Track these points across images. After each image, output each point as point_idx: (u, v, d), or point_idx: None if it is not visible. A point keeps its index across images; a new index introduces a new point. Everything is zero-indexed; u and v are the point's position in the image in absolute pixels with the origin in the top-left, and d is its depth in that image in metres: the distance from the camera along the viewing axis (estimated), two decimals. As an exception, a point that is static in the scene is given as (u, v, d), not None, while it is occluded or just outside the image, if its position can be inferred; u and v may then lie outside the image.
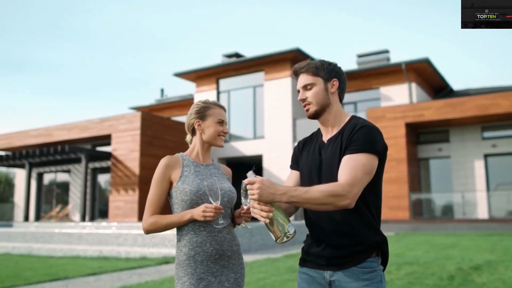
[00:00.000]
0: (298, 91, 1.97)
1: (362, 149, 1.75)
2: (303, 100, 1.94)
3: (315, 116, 1.93)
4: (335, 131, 1.91)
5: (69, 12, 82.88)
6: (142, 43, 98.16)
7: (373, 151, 1.76)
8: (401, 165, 17.21)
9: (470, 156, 17.92)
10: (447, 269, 6.73)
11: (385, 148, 1.83)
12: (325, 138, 1.95)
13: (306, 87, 1.93)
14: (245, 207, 1.91)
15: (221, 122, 2.19)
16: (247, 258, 8.42)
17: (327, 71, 1.92)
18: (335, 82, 1.93)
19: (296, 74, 1.99)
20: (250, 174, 1.75)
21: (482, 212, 17.34)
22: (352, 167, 1.72)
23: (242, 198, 1.80)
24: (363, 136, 1.77)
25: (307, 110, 1.94)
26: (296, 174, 2.02)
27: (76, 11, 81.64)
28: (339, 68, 1.97)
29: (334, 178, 1.77)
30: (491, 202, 17.35)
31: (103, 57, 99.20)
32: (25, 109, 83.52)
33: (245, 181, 1.71)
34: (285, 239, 1.71)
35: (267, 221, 1.68)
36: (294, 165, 2.05)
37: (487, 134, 17.93)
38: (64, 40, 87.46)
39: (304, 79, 1.94)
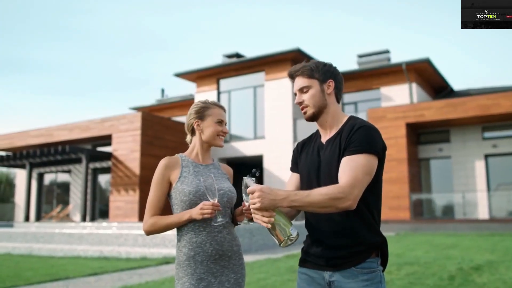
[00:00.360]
0: (295, 94, 1.97)
1: (361, 150, 1.75)
2: (300, 103, 1.93)
3: (313, 118, 1.93)
4: (333, 132, 1.91)
5: (69, 12, 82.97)
6: (142, 43, 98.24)
7: (372, 152, 1.76)
8: (402, 165, 17.21)
9: (471, 156, 17.91)
10: (447, 269, 6.73)
11: (384, 148, 1.83)
12: (324, 139, 1.94)
13: (302, 90, 1.93)
14: (246, 204, 1.91)
15: (221, 122, 2.18)
16: (247, 258, 8.42)
17: (322, 72, 1.92)
18: (331, 83, 1.93)
19: (291, 77, 1.98)
20: (250, 182, 1.75)
21: (482, 212, 17.33)
22: (352, 169, 1.71)
23: (244, 195, 1.81)
24: (361, 137, 1.77)
25: (305, 113, 1.93)
26: (296, 176, 2.02)
27: (76, 11, 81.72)
28: (335, 68, 1.97)
29: (333, 179, 1.78)
30: (491, 202, 17.35)
31: (103, 57, 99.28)
32: (25, 109, 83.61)
33: (247, 190, 1.72)
34: (289, 242, 1.73)
35: (269, 226, 1.69)
36: (294, 167, 2.05)
37: (487, 134, 17.93)
38: (64, 40, 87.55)
39: (299, 82, 1.94)
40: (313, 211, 1.73)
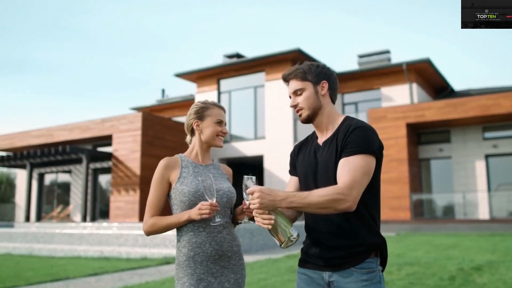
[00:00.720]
0: (290, 97, 1.98)
1: (359, 151, 1.75)
2: (295, 106, 1.94)
3: (308, 120, 1.94)
4: (329, 133, 1.92)
5: (69, 12, 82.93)
6: (142, 43, 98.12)
7: (370, 152, 1.76)
8: (402, 165, 17.21)
9: (471, 157, 17.91)
10: (448, 269, 6.72)
11: (381, 147, 1.83)
12: (320, 140, 1.95)
13: (296, 93, 1.94)
14: (247, 203, 1.91)
15: (220, 123, 2.18)
16: (248, 258, 8.42)
17: (315, 74, 1.92)
18: (325, 84, 1.93)
19: (285, 81, 1.99)
20: (250, 183, 1.76)
21: (483, 213, 17.33)
22: (350, 170, 1.72)
23: (244, 193, 1.82)
24: (358, 138, 1.77)
25: (300, 115, 1.94)
26: (295, 179, 2.02)
27: (76, 11, 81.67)
28: (328, 69, 1.97)
29: (330, 180, 1.78)
30: (492, 202, 17.34)
31: (103, 57, 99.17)
32: (25, 109, 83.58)
33: (247, 191, 1.74)
34: (289, 243, 1.74)
35: (270, 227, 1.70)
36: (293, 170, 2.06)
37: (488, 134, 17.93)
38: (64, 40, 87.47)
39: (293, 85, 1.95)
40: (312, 212, 1.74)
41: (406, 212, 17.01)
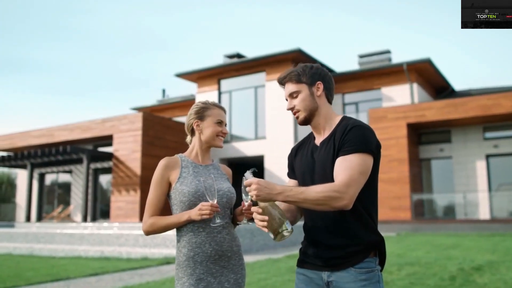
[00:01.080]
0: (287, 100, 1.99)
1: (356, 150, 1.75)
2: (292, 108, 1.95)
3: (305, 122, 1.95)
4: (327, 134, 1.92)
5: (69, 12, 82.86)
6: (142, 43, 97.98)
7: (367, 151, 1.77)
8: (403, 165, 17.20)
9: (472, 157, 17.90)
10: (448, 269, 6.73)
11: (378, 146, 1.83)
12: (318, 141, 1.95)
13: (292, 96, 1.95)
14: (246, 204, 1.92)
15: (220, 123, 2.18)
16: (248, 258, 8.43)
17: (310, 75, 1.93)
18: (320, 85, 1.94)
19: (281, 84, 2.01)
20: (248, 175, 1.77)
21: (483, 213, 17.32)
22: (347, 168, 1.72)
23: (243, 194, 1.82)
24: (355, 137, 1.78)
25: (297, 117, 1.95)
26: (294, 182, 2.02)
27: (76, 11, 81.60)
28: (322, 69, 1.98)
29: (327, 180, 1.78)
30: (492, 202, 17.33)
31: (103, 57, 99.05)
32: (25, 109, 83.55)
33: (244, 183, 1.74)
34: (283, 237, 1.74)
35: (266, 230, 1.71)
36: (291, 173, 2.06)
37: (489, 134, 17.92)
38: (64, 40, 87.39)
39: (289, 88, 1.96)
40: (308, 207, 1.74)
41: (407, 212, 17.01)
